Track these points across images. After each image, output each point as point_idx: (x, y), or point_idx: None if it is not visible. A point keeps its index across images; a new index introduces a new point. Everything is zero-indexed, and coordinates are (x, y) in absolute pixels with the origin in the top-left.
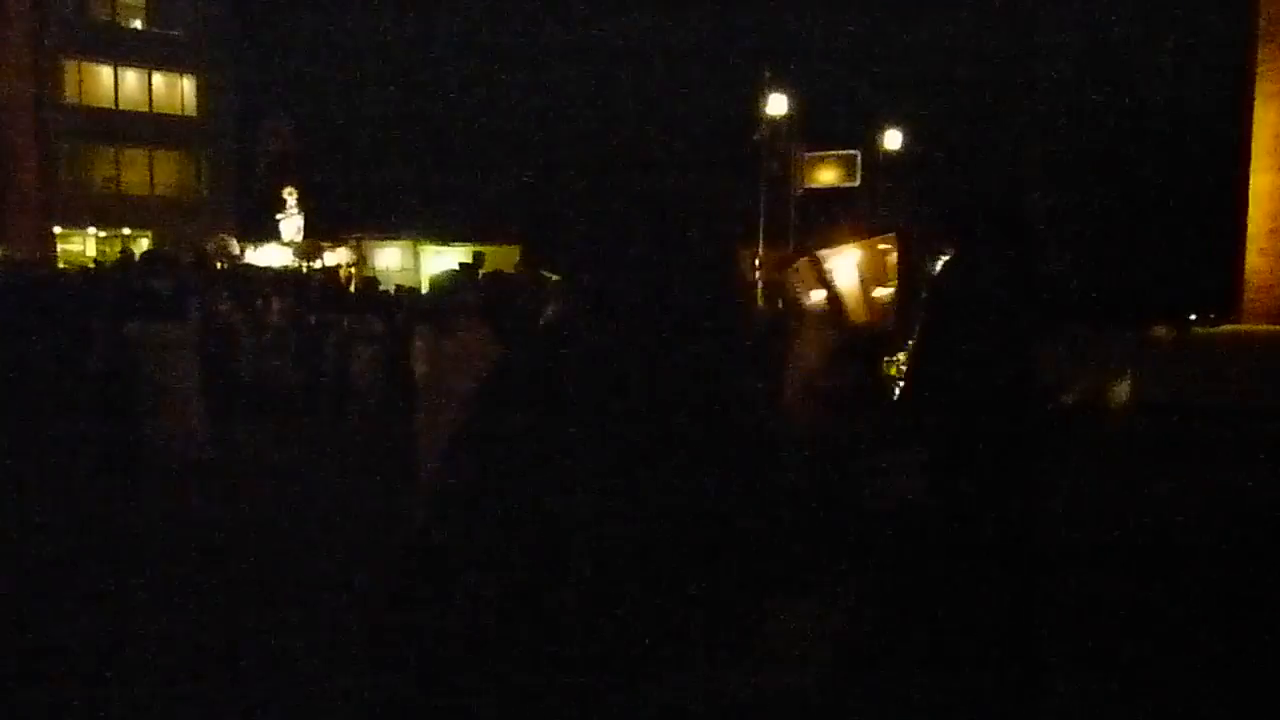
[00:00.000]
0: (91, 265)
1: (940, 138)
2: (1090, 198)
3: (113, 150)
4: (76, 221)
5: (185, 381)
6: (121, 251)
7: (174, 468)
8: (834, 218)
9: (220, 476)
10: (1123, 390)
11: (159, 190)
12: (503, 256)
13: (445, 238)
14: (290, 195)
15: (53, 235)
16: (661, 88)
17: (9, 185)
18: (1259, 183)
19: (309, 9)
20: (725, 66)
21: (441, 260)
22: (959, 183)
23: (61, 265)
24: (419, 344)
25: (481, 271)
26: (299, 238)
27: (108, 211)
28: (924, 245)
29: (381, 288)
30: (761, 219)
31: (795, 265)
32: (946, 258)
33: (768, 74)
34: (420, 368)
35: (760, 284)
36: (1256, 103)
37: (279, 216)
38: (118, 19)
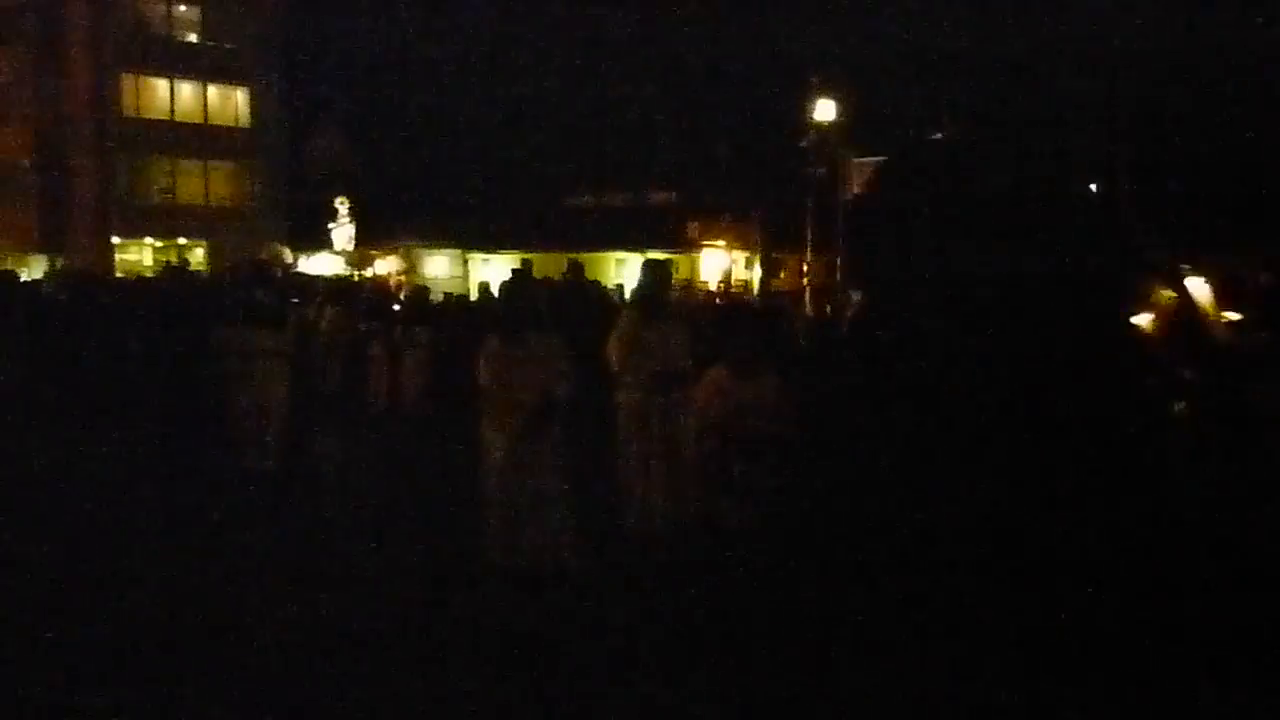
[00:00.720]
0: (150, 274)
1: (992, 138)
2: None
3: (168, 162)
4: (133, 232)
5: (272, 389)
6: (167, 263)
7: (252, 477)
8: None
9: (295, 487)
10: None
11: (213, 200)
12: (550, 264)
13: (493, 246)
14: (341, 204)
15: (111, 245)
16: (709, 93)
17: (69, 197)
18: None
19: (359, 22)
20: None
21: (489, 268)
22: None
23: (119, 275)
24: (485, 352)
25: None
26: (350, 246)
27: (164, 222)
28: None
29: (430, 295)
30: (809, 226)
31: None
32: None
33: (815, 79)
34: (485, 375)
35: (808, 290)
36: None
37: (330, 225)
38: (173, 33)
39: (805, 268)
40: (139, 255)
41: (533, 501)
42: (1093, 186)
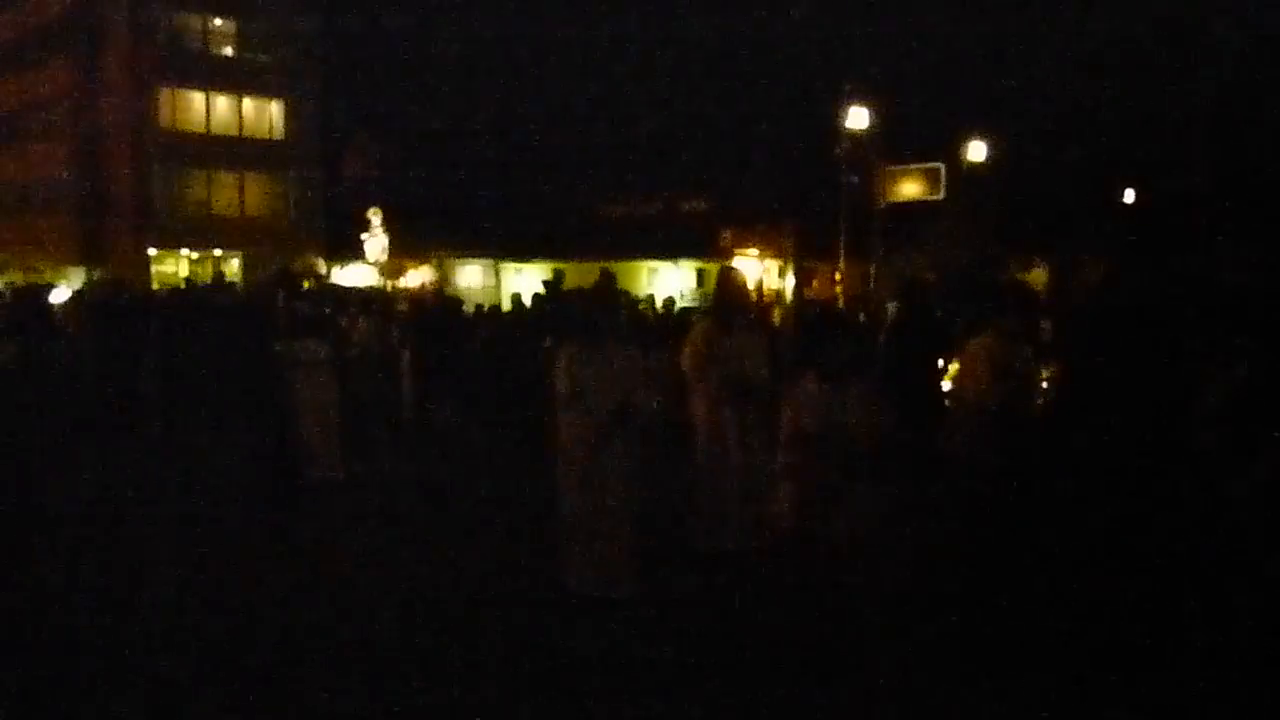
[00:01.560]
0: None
1: (1031, 147)
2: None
3: (204, 174)
4: (170, 243)
5: (323, 397)
6: (186, 280)
7: (311, 485)
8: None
9: (357, 495)
10: None
11: (248, 212)
12: (582, 273)
13: (525, 256)
14: (374, 215)
15: (148, 257)
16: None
17: (107, 209)
18: None
19: (393, 34)
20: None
21: (521, 278)
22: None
23: (155, 286)
24: (562, 361)
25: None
26: (383, 257)
27: (200, 233)
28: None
29: (462, 306)
30: (842, 234)
31: None
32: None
33: (847, 87)
34: (563, 383)
35: (841, 298)
36: None
37: (363, 236)
38: (209, 47)
39: (838, 276)
40: (175, 267)
41: (608, 517)
42: None
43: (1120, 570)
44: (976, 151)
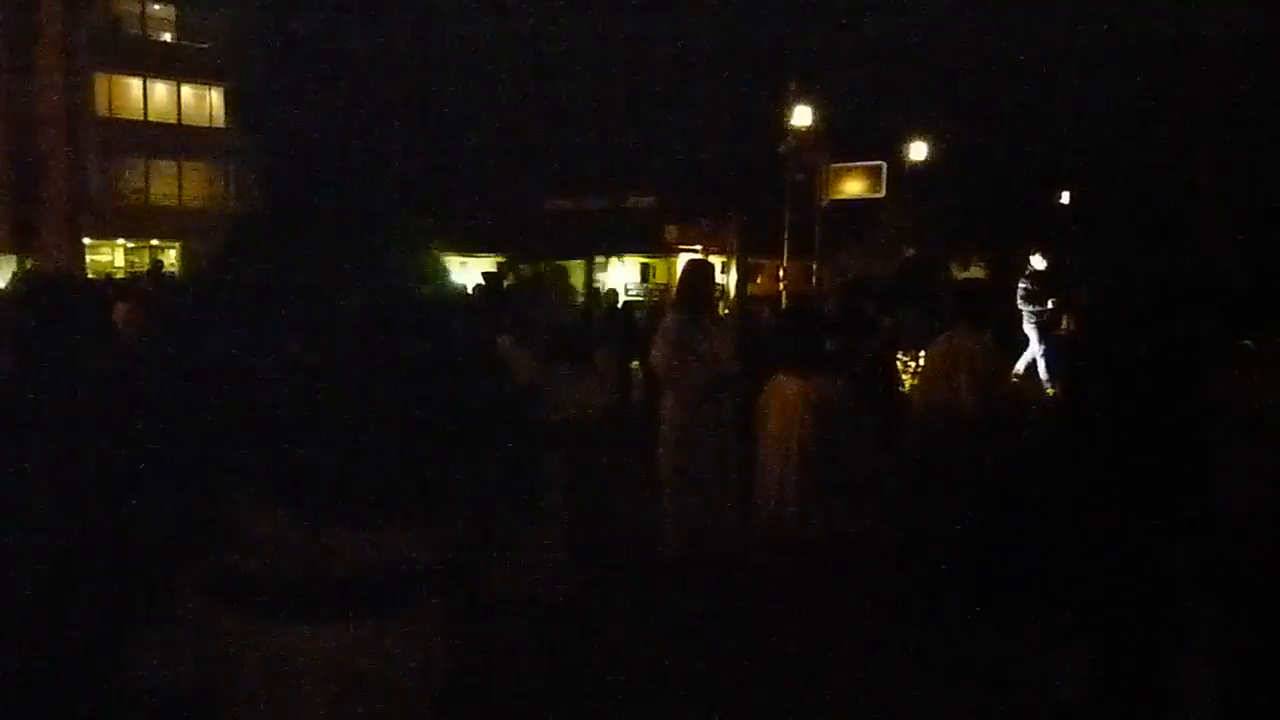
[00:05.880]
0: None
1: (975, 146)
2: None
3: (142, 162)
4: (106, 233)
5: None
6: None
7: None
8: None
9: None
10: None
11: (187, 201)
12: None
13: (470, 249)
14: None
15: (82, 246)
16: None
17: (40, 197)
18: None
19: (335, 22)
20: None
21: (467, 272)
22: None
23: (90, 276)
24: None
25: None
26: None
27: (137, 223)
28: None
29: None
30: (786, 231)
31: None
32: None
33: (792, 85)
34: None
35: (784, 295)
36: None
37: None
38: (147, 32)
39: (782, 273)
40: (111, 256)
41: (540, 520)
42: None
43: (1130, 570)
44: (918, 151)
